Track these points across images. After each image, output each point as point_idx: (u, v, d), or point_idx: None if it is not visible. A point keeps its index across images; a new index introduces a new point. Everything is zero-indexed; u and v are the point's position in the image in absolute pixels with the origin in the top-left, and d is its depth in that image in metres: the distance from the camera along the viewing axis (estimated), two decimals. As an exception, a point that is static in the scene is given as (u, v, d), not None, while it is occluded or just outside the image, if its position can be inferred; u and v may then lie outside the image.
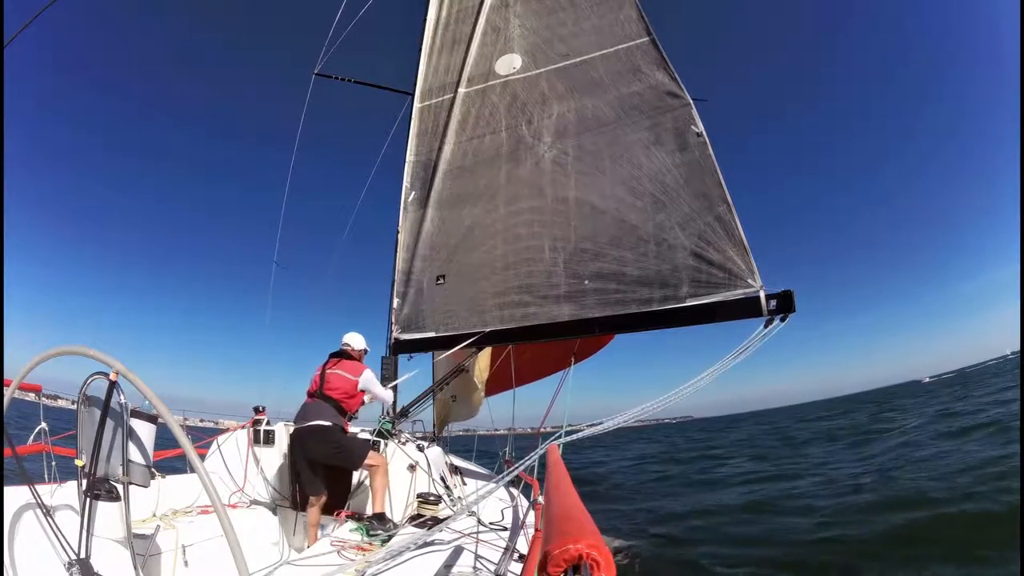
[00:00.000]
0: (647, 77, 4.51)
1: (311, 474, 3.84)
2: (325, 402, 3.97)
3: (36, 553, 2.04)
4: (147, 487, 2.28)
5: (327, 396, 4.00)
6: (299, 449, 3.87)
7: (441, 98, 5.63)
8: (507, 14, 5.45)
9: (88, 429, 2.13)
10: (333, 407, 3.97)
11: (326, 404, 3.96)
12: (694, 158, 4.10)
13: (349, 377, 4.11)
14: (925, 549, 5.11)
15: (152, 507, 3.48)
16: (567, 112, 4.84)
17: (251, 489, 4.25)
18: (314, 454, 3.82)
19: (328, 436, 3.83)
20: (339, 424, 3.94)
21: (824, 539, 5.91)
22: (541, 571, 0.88)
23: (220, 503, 1.63)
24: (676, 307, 3.85)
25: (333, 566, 2.58)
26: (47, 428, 2.48)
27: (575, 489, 1.46)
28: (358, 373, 4.16)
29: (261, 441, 4.36)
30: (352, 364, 4.23)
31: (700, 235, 3.90)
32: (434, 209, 5.28)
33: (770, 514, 7.56)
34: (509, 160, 5.01)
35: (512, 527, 3.35)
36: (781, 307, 3.48)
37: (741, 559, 5.55)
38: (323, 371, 4.15)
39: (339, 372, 4.12)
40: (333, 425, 3.88)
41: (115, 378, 2.01)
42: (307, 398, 4.08)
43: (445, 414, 7.40)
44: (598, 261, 4.26)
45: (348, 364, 4.21)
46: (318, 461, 3.83)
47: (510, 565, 2.49)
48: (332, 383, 4.06)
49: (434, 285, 5.06)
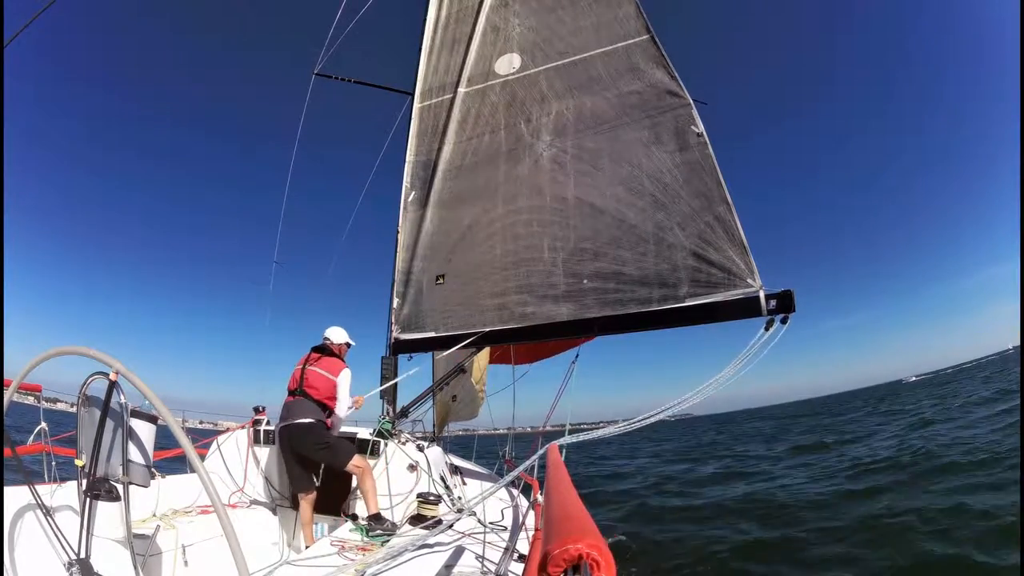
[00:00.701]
0: (647, 76, 4.51)
1: (300, 470, 3.89)
2: (306, 399, 3.96)
3: (36, 553, 2.04)
4: (147, 487, 2.28)
5: (307, 394, 3.98)
6: (286, 446, 3.90)
7: (441, 98, 5.63)
8: (507, 13, 5.45)
9: (88, 429, 2.13)
10: (314, 404, 3.95)
11: (307, 401, 3.95)
12: (694, 158, 4.09)
13: (328, 376, 4.05)
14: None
15: (152, 507, 3.48)
16: (566, 111, 4.84)
17: (251, 489, 4.25)
18: (300, 450, 3.85)
19: (311, 432, 3.84)
20: (321, 420, 3.93)
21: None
22: (541, 571, 0.88)
23: (220, 503, 1.63)
24: (675, 307, 3.86)
25: (333, 566, 2.58)
26: (47, 428, 2.48)
27: (575, 489, 1.46)
28: (337, 372, 4.09)
29: (261, 441, 4.36)
30: (332, 362, 4.15)
31: (700, 235, 3.90)
32: (434, 209, 5.28)
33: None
34: (508, 159, 5.00)
35: (512, 527, 3.35)
36: (781, 307, 3.48)
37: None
38: (303, 368, 4.09)
39: (318, 370, 4.06)
40: (316, 422, 3.88)
41: (115, 378, 2.01)
42: (287, 396, 4.05)
43: (445, 414, 7.40)
44: (597, 261, 4.26)
45: (328, 361, 4.13)
46: (305, 457, 3.87)
47: (510, 565, 2.49)
48: (311, 381, 4.02)
49: (434, 285, 5.06)
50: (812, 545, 5.81)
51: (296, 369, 4.14)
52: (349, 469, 3.80)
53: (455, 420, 7.62)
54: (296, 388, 4.02)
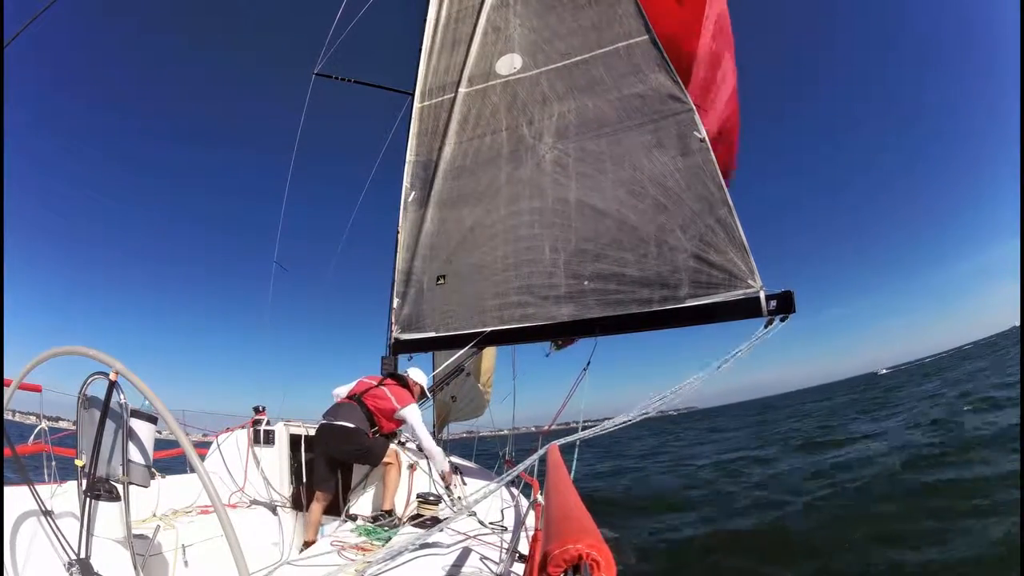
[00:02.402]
0: (649, 78, 4.51)
1: (327, 471, 3.87)
2: (360, 407, 3.95)
3: (36, 553, 2.04)
4: (147, 487, 2.28)
5: (364, 403, 3.98)
6: (322, 444, 3.90)
7: (441, 98, 5.63)
8: (507, 14, 5.45)
9: (88, 429, 2.13)
10: (364, 414, 3.94)
11: (359, 409, 3.94)
12: (696, 163, 4.11)
13: (393, 401, 4.02)
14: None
15: (152, 507, 3.48)
16: (568, 112, 4.84)
17: (251, 489, 4.25)
18: (336, 452, 3.86)
19: (352, 437, 3.82)
20: (364, 429, 3.89)
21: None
22: (541, 571, 0.88)
23: (220, 503, 1.63)
24: (676, 307, 3.87)
25: (333, 566, 2.58)
26: (47, 428, 2.48)
27: (575, 489, 1.46)
28: (404, 403, 4.04)
29: (261, 441, 4.36)
30: (403, 392, 4.14)
31: (701, 237, 3.91)
32: (434, 209, 5.29)
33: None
34: (510, 161, 5.01)
35: (512, 527, 3.35)
36: (781, 307, 3.50)
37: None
38: (375, 384, 4.12)
39: (386, 390, 4.07)
40: (358, 428, 3.86)
41: (115, 378, 2.01)
42: (343, 398, 4.08)
43: (445, 414, 7.41)
44: (598, 262, 4.27)
45: (400, 390, 4.14)
46: (338, 460, 3.88)
47: (511, 565, 2.49)
48: (376, 395, 4.04)
49: (434, 285, 5.06)
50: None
51: (366, 381, 4.16)
52: (383, 462, 3.79)
53: (456, 420, 7.62)
54: (356, 394, 4.03)
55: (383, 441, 4.00)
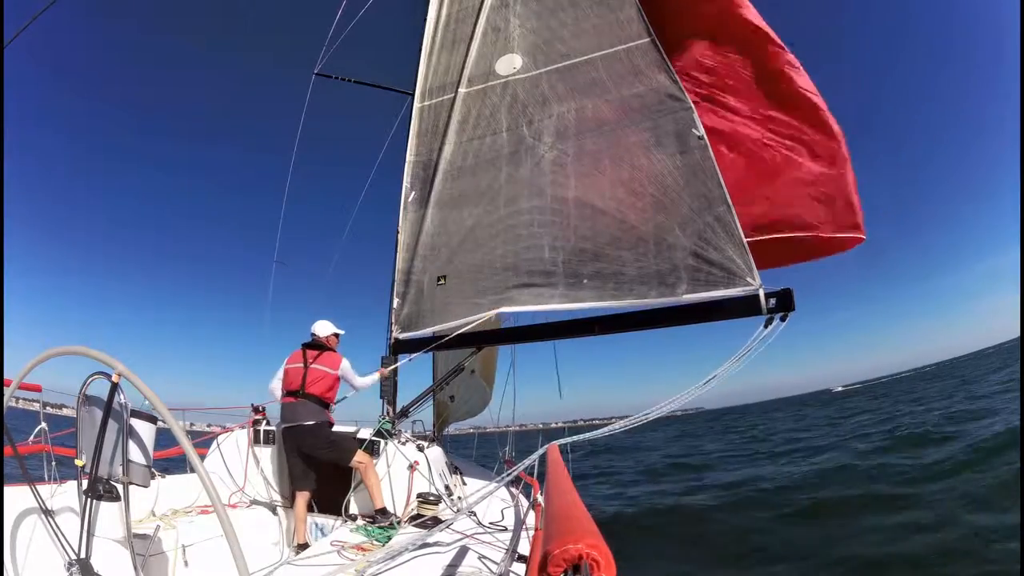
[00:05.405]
0: (648, 79, 4.51)
1: (303, 469, 3.94)
2: (309, 400, 4.00)
3: (36, 553, 2.04)
4: (147, 487, 2.27)
5: (309, 395, 4.02)
6: (292, 447, 3.96)
7: (441, 98, 5.63)
8: (507, 14, 5.45)
9: (88, 429, 2.13)
10: (316, 403, 4.02)
11: (309, 402, 4.00)
12: (695, 160, 4.11)
13: (329, 372, 4.14)
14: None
15: (152, 507, 3.48)
16: (567, 113, 4.84)
17: (251, 489, 4.25)
18: (307, 450, 3.93)
19: (316, 433, 3.93)
20: (325, 420, 4.03)
21: None
22: (542, 571, 0.88)
23: (220, 503, 1.63)
24: (675, 305, 3.87)
25: (333, 566, 2.58)
26: (47, 428, 2.47)
27: (575, 488, 1.46)
28: (336, 366, 4.20)
29: (261, 441, 4.36)
30: (329, 356, 4.23)
31: (699, 235, 3.91)
32: (434, 209, 5.28)
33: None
34: (510, 162, 5.00)
35: (512, 527, 3.35)
36: (780, 305, 3.49)
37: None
38: (304, 368, 4.11)
39: (319, 367, 4.12)
40: (320, 423, 3.97)
41: (117, 379, 2.01)
42: (286, 396, 4.08)
43: (445, 414, 7.40)
44: (597, 261, 4.27)
45: (326, 357, 4.20)
46: (311, 456, 3.94)
47: (511, 565, 2.49)
48: (313, 380, 4.07)
49: (435, 285, 5.05)
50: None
51: (295, 368, 4.14)
52: (352, 464, 3.86)
53: (455, 420, 7.61)
54: (298, 389, 4.03)
55: (351, 439, 4.11)
